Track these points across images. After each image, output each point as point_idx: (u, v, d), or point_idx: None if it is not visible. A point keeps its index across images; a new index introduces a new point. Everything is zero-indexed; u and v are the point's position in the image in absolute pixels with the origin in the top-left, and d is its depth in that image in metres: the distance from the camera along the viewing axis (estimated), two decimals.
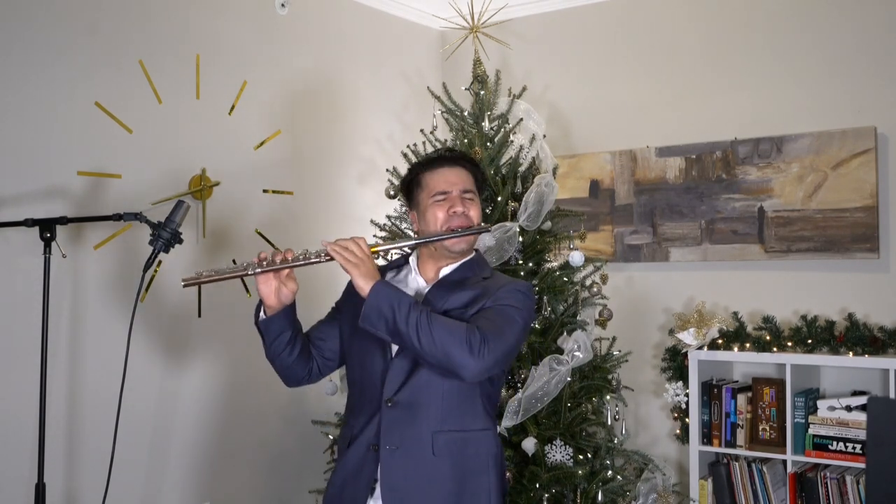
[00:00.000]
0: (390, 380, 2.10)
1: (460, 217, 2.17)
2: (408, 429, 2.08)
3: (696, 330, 3.68)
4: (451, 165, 2.23)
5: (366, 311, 1.99)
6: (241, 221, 3.73)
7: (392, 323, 1.97)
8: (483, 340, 1.96)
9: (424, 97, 3.83)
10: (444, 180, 2.20)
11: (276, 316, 2.14)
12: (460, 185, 2.20)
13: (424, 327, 1.95)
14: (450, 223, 2.16)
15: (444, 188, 2.19)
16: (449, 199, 2.18)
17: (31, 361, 2.79)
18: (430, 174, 2.21)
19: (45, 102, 3.07)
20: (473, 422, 2.13)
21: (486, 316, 2.06)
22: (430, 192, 2.20)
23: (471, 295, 2.14)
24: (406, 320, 1.95)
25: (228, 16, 3.70)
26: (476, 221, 2.20)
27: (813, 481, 3.53)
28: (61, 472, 3.08)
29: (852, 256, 3.68)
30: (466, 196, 2.20)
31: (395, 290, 2.01)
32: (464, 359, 1.95)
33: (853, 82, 3.76)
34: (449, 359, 1.96)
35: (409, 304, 1.98)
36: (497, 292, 2.12)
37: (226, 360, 3.67)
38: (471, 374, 1.97)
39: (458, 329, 1.98)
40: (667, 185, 4.11)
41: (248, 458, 3.76)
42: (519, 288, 2.16)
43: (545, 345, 3.25)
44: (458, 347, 1.95)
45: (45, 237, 2.47)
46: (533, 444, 3.10)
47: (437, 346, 1.95)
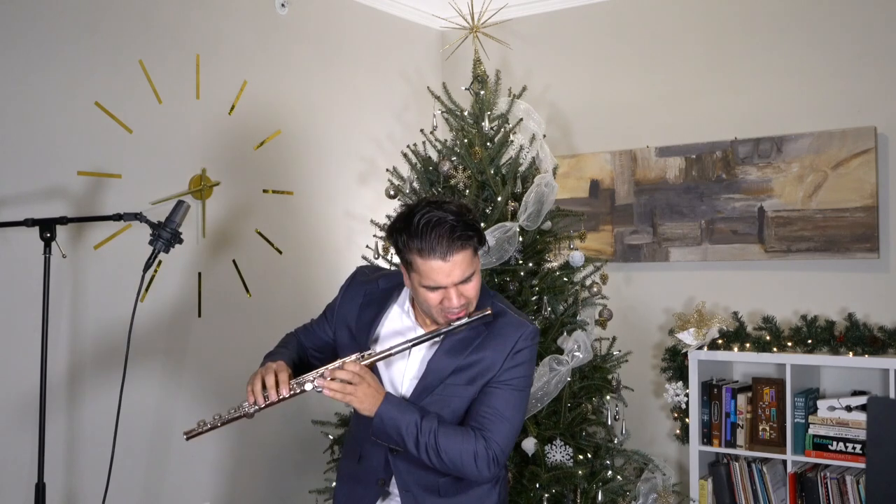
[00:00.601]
0: None
1: (459, 310, 1.96)
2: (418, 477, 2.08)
3: (696, 330, 3.68)
4: (444, 257, 1.89)
5: (375, 432, 2.00)
6: (241, 221, 3.74)
7: (402, 445, 2.00)
8: (494, 457, 1.99)
9: (424, 97, 3.83)
10: (436, 275, 1.91)
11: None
12: (455, 276, 1.92)
13: (433, 449, 1.97)
14: (446, 314, 1.97)
15: (437, 283, 1.92)
16: (444, 291, 1.94)
17: (31, 361, 2.80)
18: (421, 261, 1.91)
19: (45, 102, 3.07)
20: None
21: (490, 403, 2.01)
22: (420, 277, 1.94)
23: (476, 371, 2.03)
24: (416, 445, 1.98)
25: (228, 16, 3.70)
26: (475, 298, 1.99)
27: (813, 481, 3.53)
28: (61, 472, 3.08)
29: (852, 256, 3.68)
30: (464, 286, 1.95)
31: (398, 412, 1.97)
32: (476, 475, 2.00)
33: (853, 82, 3.76)
34: (461, 473, 2.01)
35: (414, 426, 1.97)
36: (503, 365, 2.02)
37: (226, 359, 3.67)
38: (484, 479, 2.04)
39: (466, 446, 1.97)
40: (667, 185, 4.11)
41: (248, 458, 3.76)
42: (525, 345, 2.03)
43: (545, 345, 3.25)
44: (469, 466, 1.98)
45: (45, 237, 2.47)
46: (533, 444, 3.10)
47: (448, 466, 1.99)
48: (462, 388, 2.04)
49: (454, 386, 2.04)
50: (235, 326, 3.68)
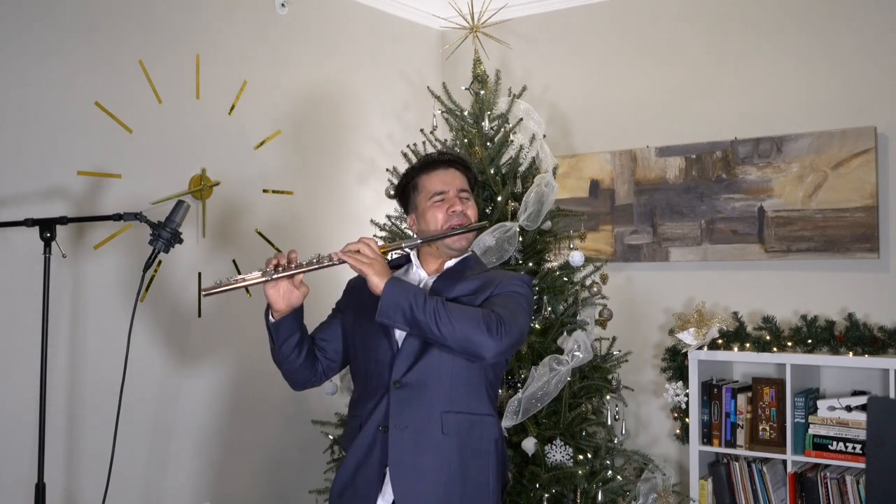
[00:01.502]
0: (399, 362, 2.16)
1: (459, 216, 2.26)
2: (417, 409, 2.14)
3: (696, 330, 3.68)
4: (446, 167, 2.32)
5: (383, 305, 2.06)
6: (241, 221, 3.74)
7: (410, 314, 2.04)
8: (500, 321, 2.06)
9: (424, 97, 3.83)
10: (440, 181, 2.29)
11: (286, 318, 2.19)
12: (456, 185, 2.30)
13: (443, 315, 2.04)
14: (450, 222, 2.26)
15: (440, 188, 2.28)
16: (447, 199, 2.28)
17: (31, 361, 2.80)
18: (425, 177, 2.31)
19: (45, 102, 3.07)
20: (479, 406, 2.21)
21: (497, 302, 2.15)
22: (427, 193, 2.29)
23: (476, 284, 2.22)
24: (423, 310, 2.04)
25: (228, 16, 3.70)
26: (474, 220, 2.30)
27: (813, 481, 3.53)
28: (61, 472, 3.08)
29: (852, 256, 3.68)
30: (463, 195, 2.30)
31: (409, 284, 2.11)
32: (483, 339, 2.04)
33: (853, 82, 3.75)
34: (469, 341, 2.04)
35: (424, 295, 2.07)
36: (502, 281, 2.22)
37: (226, 359, 3.67)
38: (491, 353, 2.06)
39: (474, 313, 2.07)
40: (667, 185, 4.11)
41: (248, 458, 3.76)
42: (521, 277, 2.27)
43: (545, 345, 3.25)
44: (477, 330, 2.03)
45: (45, 237, 2.47)
46: (533, 444, 3.10)
47: (456, 331, 2.03)
48: (468, 297, 2.18)
49: (463, 298, 2.18)
50: (235, 326, 3.67)
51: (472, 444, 2.17)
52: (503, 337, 2.05)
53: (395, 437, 2.13)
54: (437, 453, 2.13)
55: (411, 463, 2.12)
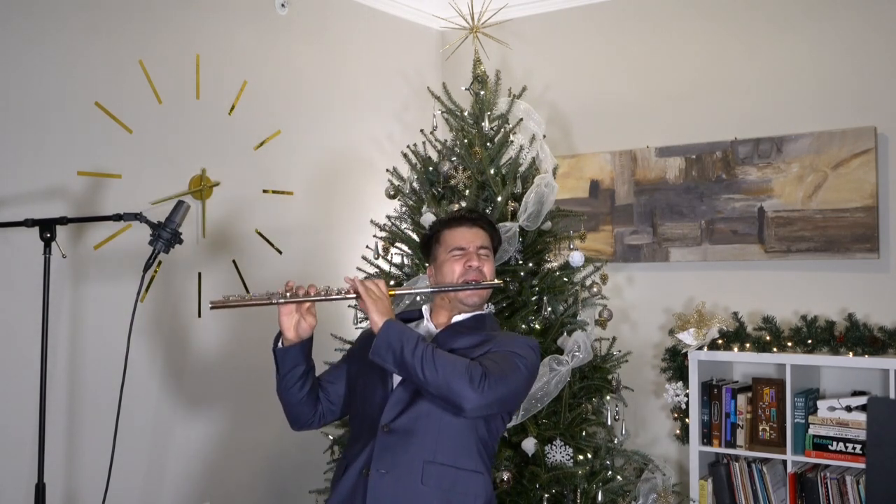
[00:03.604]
0: (390, 406, 2.16)
1: (475, 272, 2.31)
2: (400, 455, 2.12)
3: (696, 330, 3.68)
4: (470, 226, 2.39)
5: (377, 343, 2.08)
6: (241, 221, 3.74)
7: (399, 355, 2.05)
8: (484, 375, 2.05)
9: (424, 97, 3.83)
10: (462, 237, 2.36)
11: (293, 348, 2.22)
12: (477, 243, 2.36)
13: (429, 360, 2.04)
14: (465, 276, 2.31)
15: (461, 244, 2.34)
16: (466, 254, 2.33)
17: (32, 361, 2.80)
18: (449, 231, 2.38)
19: (45, 102, 3.07)
20: (466, 461, 2.16)
21: (491, 357, 2.15)
22: (447, 247, 2.36)
23: (478, 339, 2.24)
24: (412, 353, 2.04)
25: (228, 16, 3.70)
26: (489, 278, 2.33)
27: (813, 481, 3.53)
28: (61, 472, 3.08)
29: (852, 256, 3.68)
30: (482, 252, 2.35)
31: (404, 326, 2.12)
32: (464, 390, 2.02)
33: (853, 82, 3.76)
34: (451, 390, 2.03)
35: (416, 338, 2.07)
36: (505, 340, 2.24)
37: (226, 360, 3.67)
38: (471, 405, 2.04)
39: (460, 363, 2.07)
40: (667, 185, 4.11)
41: (247, 459, 3.76)
42: (527, 342, 2.26)
43: (545, 345, 3.25)
44: (460, 379, 2.03)
45: (45, 237, 2.47)
46: (533, 444, 3.10)
47: (439, 377, 2.03)
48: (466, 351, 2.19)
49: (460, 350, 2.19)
50: (235, 326, 3.67)
51: (455, 499, 2.12)
52: (486, 391, 2.03)
53: (375, 480, 2.11)
54: (415, 503, 2.10)
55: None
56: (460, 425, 2.14)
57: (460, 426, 2.14)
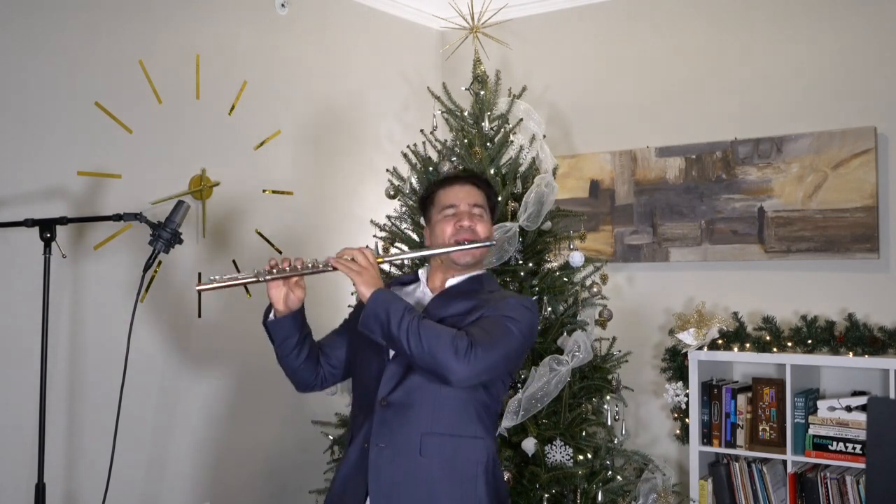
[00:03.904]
0: (385, 380, 2.14)
1: (466, 231, 2.23)
2: (398, 428, 2.11)
3: (696, 330, 3.68)
4: (463, 183, 2.31)
5: (364, 315, 2.05)
6: (241, 221, 3.74)
7: (386, 327, 2.02)
8: (470, 345, 2.00)
9: (424, 97, 3.83)
10: (453, 195, 2.28)
11: (283, 319, 2.19)
12: (469, 200, 2.27)
13: (414, 331, 2.00)
14: (456, 237, 2.23)
15: (452, 202, 2.27)
16: (457, 213, 2.25)
17: (32, 361, 2.80)
18: (442, 191, 2.31)
19: (45, 102, 3.07)
20: (465, 428, 2.13)
21: (481, 325, 2.09)
22: (439, 207, 2.29)
23: (471, 304, 2.18)
24: (399, 324, 2.00)
25: (228, 16, 3.70)
26: (483, 237, 2.25)
27: (813, 481, 3.53)
28: (61, 472, 3.08)
29: (852, 256, 3.68)
30: (475, 211, 2.27)
31: (392, 297, 2.06)
32: (449, 362, 1.98)
33: (853, 82, 3.76)
34: (436, 362, 1.99)
35: (402, 309, 2.03)
36: (498, 303, 2.16)
37: (226, 360, 3.67)
38: (457, 377, 2.00)
39: (446, 334, 2.02)
40: (667, 185, 4.11)
41: (248, 458, 3.76)
42: (522, 302, 2.19)
43: (545, 345, 3.25)
44: (445, 351, 1.98)
45: (45, 237, 2.47)
46: (533, 444, 3.10)
47: (424, 350, 1.99)
48: (458, 318, 2.14)
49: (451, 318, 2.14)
50: (235, 327, 3.67)
51: (456, 467, 2.10)
52: (472, 361, 1.98)
53: (375, 455, 2.10)
54: (416, 475, 2.08)
55: (390, 482, 2.09)
56: (458, 395, 2.10)
57: (458, 395, 2.11)
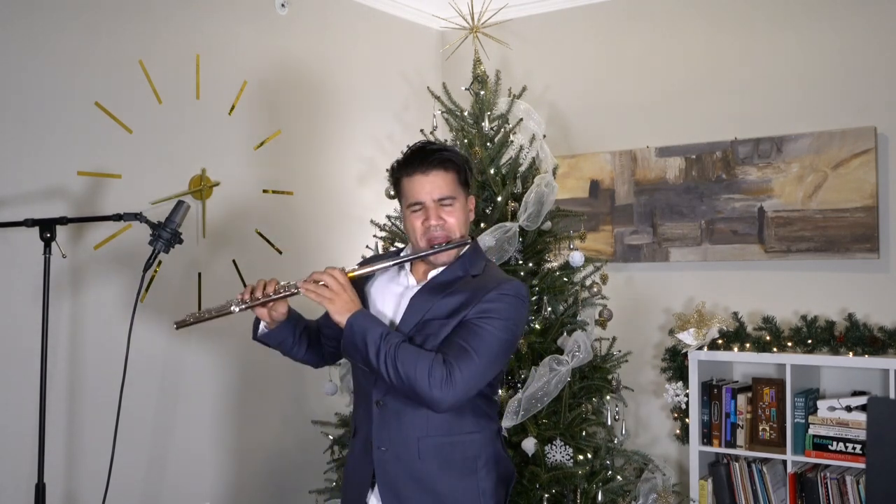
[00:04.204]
0: (379, 383, 2.10)
1: (437, 229, 2.08)
2: (395, 432, 2.10)
3: (696, 330, 3.68)
4: (425, 171, 2.08)
5: (344, 342, 2.02)
6: (241, 221, 3.73)
7: (364, 356, 1.99)
8: (447, 374, 1.94)
9: (424, 97, 3.83)
10: (418, 188, 2.08)
11: (272, 331, 2.22)
12: (435, 193, 2.08)
13: (391, 362, 1.95)
14: (427, 236, 2.09)
15: (417, 198, 2.09)
16: (423, 210, 2.09)
17: (32, 361, 2.80)
18: (406, 180, 2.12)
19: (45, 102, 3.07)
20: (461, 426, 2.10)
21: (461, 336, 2.01)
22: (406, 199, 2.12)
23: (456, 302, 2.06)
24: (376, 355, 1.96)
25: (228, 16, 3.70)
26: (456, 228, 2.10)
27: (813, 481, 3.53)
28: (61, 472, 3.08)
29: (852, 256, 3.68)
30: (444, 203, 2.09)
31: (368, 323, 2.00)
32: (430, 393, 1.94)
33: (853, 82, 3.76)
34: (416, 394, 1.96)
35: (378, 337, 1.97)
36: (483, 298, 2.04)
37: (226, 360, 3.67)
38: (441, 407, 1.97)
39: (422, 363, 1.95)
40: (667, 185, 4.11)
41: (247, 458, 3.76)
42: (506, 292, 2.05)
43: (545, 345, 3.25)
44: (422, 383, 1.94)
45: (45, 237, 2.47)
46: (533, 444, 3.10)
47: (403, 382, 1.96)
48: (440, 322, 2.05)
49: (433, 322, 2.06)
50: (235, 327, 3.67)
51: (455, 466, 2.10)
52: (452, 388, 1.93)
53: (379, 457, 2.11)
54: (417, 477, 2.08)
55: (394, 483, 2.10)
56: None
57: None
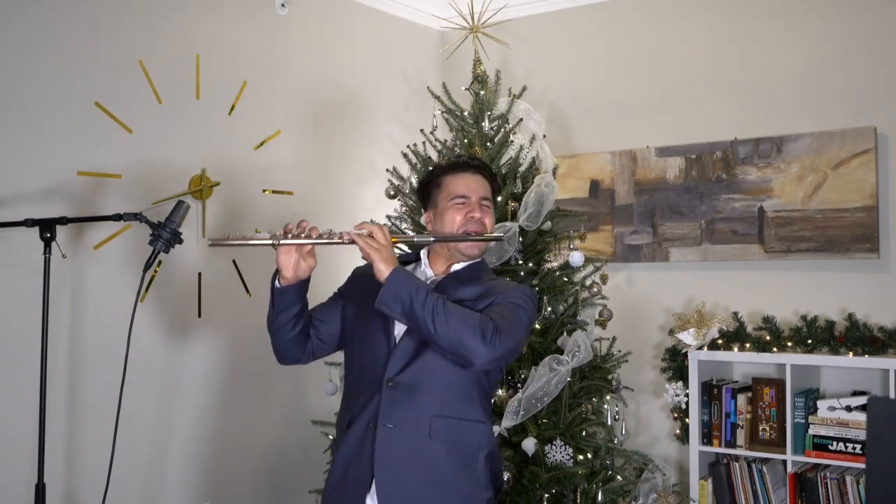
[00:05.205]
0: (395, 360, 2.14)
1: (477, 223, 2.26)
2: (407, 409, 2.12)
3: (696, 330, 3.68)
4: (474, 172, 2.32)
5: (384, 293, 2.05)
6: (241, 221, 3.73)
7: (409, 306, 2.03)
8: (495, 330, 2.04)
9: (424, 97, 3.83)
10: (465, 185, 2.29)
11: (291, 288, 2.19)
12: (480, 192, 2.30)
13: (440, 313, 2.02)
14: (466, 227, 2.25)
15: (464, 192, 2.28)
16: (468, 203, 2.27)
17: (32, 361, 2.80)
18: (451, 177, 2.31)
19: (45, 102, 3.07)
20: (471, 412, 2.18)
21: (497, 311, 2.13)
22: (449, 194, 2.29)
23: (480, 290, 2.21)
24: (423, 305, 2.02)
25: (228, 16, 3.70)
26: (490, 229, 2.30)
27: (813, 481, 3.53)
28: (61, 472, 3.08)
29: (852, 256, 3.68)
30: (484, 203, 2.30)
31: (412, 276, 2.09)
32: (476, 345, 2.02)
33: (853, 82, 3.75)
34: (462, 344, 2.03)
35: (426, 290, 2.05)
36: (505, 291, 2.21)
37: (226, 360, 3.67)
38: (482, 360, 2.04)
39: (472, 317, 2.05)
40: (667, 185, 4.11)
41: (248, 458, 3.76)
42: (524, 290, 2.24)
43: (545, 345, 3.25)
44: (472, 334, 2.02)
45: (45, 237, 2.47)
46: (533, 444, 3.10)
47: (451, 332, 2.02)
48: (470, 302, 2.17)
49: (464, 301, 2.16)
50: (235, 326, 3.67)
51: (461, 450, 2.14)
52: (497, 346, 2.03)
53: (383, 435, 2.11)
54: (424, 457, 2.11)
55: (397, 464, 2.10)
56: (465, 378, 2.15)
57: (465, 379, 2.15)
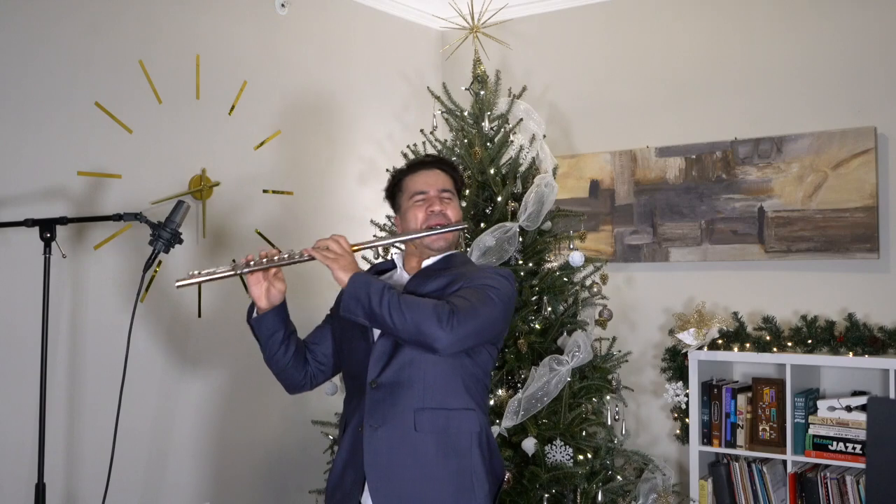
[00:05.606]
0: (373, 363, 2.16)
1: (439, 216, 2.27)
2: (390, 408, 2.14)
3: (696, 330, 3.68)
4: (430, 168, 2.35)
5: (345, 300, 2.07)
6: (241, 221, 3.74)
7: (368, 307, 2.04)
8: (452, 312, 2.03)
9: (424, 97, 3.83)
10: (423, 181, 2.31)
11: (267, 315, 2.22)
12: (438, 185, 2.31)
13: (396, 306, 2.02)
14: (429, 222, 2.26)
15: (422, 188, 2.30)
16: (427, 199, 2.29)
17: (32, 361, 2.80)
18: (410, 177, 2.34)
19: (45, 102, 3.07)
20: (455, 400, 2.16)
21: (461, 294, 2.13)
22: (409, 194, 2.31)
23: (448, 279, 2.20)
24: (380, 302, 2.03)
25: (228, 16, 3.70)
26: (455, 220, 2.29)
27: (813, 481, 3.53)
28: (61, 472, 3.08)
29: (852, 256, 3.68)
30: (444, 196, 2.30)
31: (370, 277, 2.09)
32: (433, 330, 2.01)
33: (853, 82, 3.76)
34: (421, 332, 2.02)
35: (381, 287, 2.05)
36: (475, 274, 2.21)
37: (226, 360, 3.67)
38: (443, 344, 2.03)
39: (427, 304, 2.05)
40: (667, 185, 4.11)
41: (248, 458, 3.76)
42: (497, 271, 2.24)
43: (545, 345, 3.25)
44: (427, 321, 2.01)
45: (45, 237, 2.47)
46: (533, 444, 3.10)
47: (408, 322, 2.02)
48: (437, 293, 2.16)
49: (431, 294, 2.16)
50: (235, 327, 3.67)
51: (450, 440, 2.13)
52: (455, 327, 2.01)
53: (369, 436, 2.13)
54: (413, 451, 2.11)
55: (386, 462, 2.11)
56: (445, 368, 2.14)
57: (445, 369, 2.14)
